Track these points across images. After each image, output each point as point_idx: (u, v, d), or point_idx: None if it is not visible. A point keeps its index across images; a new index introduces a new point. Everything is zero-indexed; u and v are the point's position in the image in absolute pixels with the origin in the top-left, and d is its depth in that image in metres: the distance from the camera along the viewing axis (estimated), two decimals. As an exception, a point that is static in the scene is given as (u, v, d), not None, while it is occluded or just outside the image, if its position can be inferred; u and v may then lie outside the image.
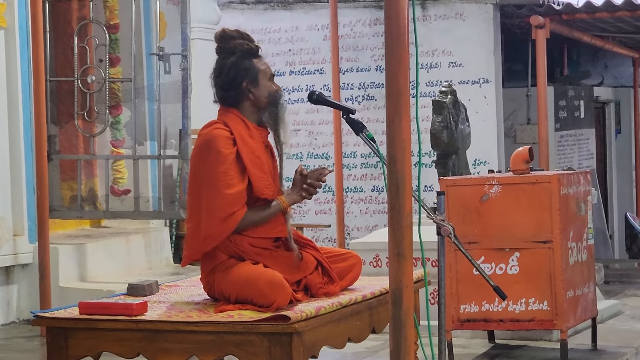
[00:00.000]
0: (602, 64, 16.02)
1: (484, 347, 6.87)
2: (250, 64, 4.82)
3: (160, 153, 8.51)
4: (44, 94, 7.66)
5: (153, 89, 8.48)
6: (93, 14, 8.56)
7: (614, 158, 16.11)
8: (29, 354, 7.00)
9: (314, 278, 4.76)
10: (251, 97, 4.81)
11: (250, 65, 4.81)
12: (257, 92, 4.81)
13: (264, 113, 4.83)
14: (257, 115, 4.83)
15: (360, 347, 6.06)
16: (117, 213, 8.69)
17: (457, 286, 6.41)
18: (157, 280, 5.07)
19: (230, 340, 4.39)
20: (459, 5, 11.97)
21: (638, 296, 9.08)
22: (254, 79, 4.80)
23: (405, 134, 3.48)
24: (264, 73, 4.84)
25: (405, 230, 3.51)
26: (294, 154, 12.22)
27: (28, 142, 8.12)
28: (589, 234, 6.76)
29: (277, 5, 12.82)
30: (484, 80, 11.98)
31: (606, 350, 6.74)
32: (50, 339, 4.61)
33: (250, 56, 4.84)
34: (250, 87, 4.80)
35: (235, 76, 4.79)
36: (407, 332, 3.54)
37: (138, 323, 4.49)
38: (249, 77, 4.80)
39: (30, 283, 8.03)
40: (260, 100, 4.82)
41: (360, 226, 12.26)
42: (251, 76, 4.80)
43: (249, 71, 4.80)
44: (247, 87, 4.80)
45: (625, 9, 11.48)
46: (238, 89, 4.79)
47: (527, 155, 6.60)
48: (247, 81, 4.80)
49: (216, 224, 4.62)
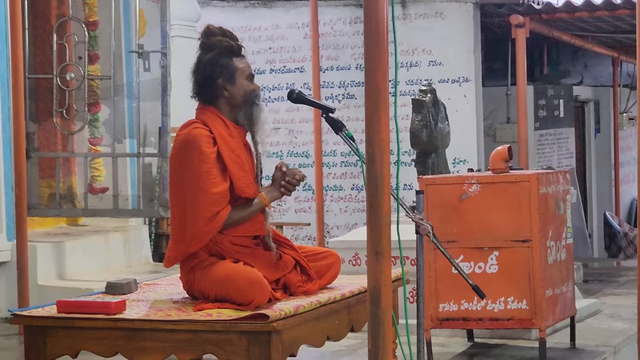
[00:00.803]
0: (581, 63, 16.09)
1: (463, 346, 6.89)
2: (228, 62, 4.81)
3: (139, 151, 8.50)
4: (22, 91, 7.64)
5: (132, 86, 8.46)
6: (72, 11, 8.54)
7: (593, 157, 16.18)
8: (6, 352, 6.98)
9: (292, 277, 4.77)
10: (226, 95, 4.80)
11: (227, 62, 4.81)
12: (233, 90, 4.81)
13: (239, 112, 4.83)
14: (233, 114, 4.83)
15: (339, 346, 6.07)
16: (96, 211, 8.67)
17: (436, 285, 6.42)
18: (135, 279, 5.08)
19: (208, 339, 4.39)
20: (439, 4, 11.98)
21: (617, 295, 9.11)
22: (230, 76, 4.80)
23: (384, 133, 3.49)
24: (241, 71, 4.84)
25: (383, 229, 3.52)
26: (274, 153, 12.23)
27: (6, 139, 8.10)
28: (567, 233, 6.78)
29: (258, 3, 12.82)
30: (464, 79, 12.01)
31: (585, 349, 6.76)
32: (28, 338, 4.61)
33: (229, 54, 4.84)
34: (225, 84, 4.79)
35: (211, 73, 4.80)
36: (386, 331, 3.54)
37: (116, 322, 4.48)
38: (225, 74, 4.80)
39: (8, 281, 8.00)
40: (235, 99, 4.81)
41: (339, 224, 12.27)
42: (227, 74, 4.80)
43: (226, 68, 4.80)
44: (223, 85, 4.79)
45: (604, 8, 11.53)
46: (213, 86, 4.80)
47: (507, 154, 6.61)
48: (223, 78, 4.80)
49: (202, 225, 4.62)
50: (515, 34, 11.23)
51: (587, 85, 16.13)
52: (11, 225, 7.93)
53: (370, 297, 3.55)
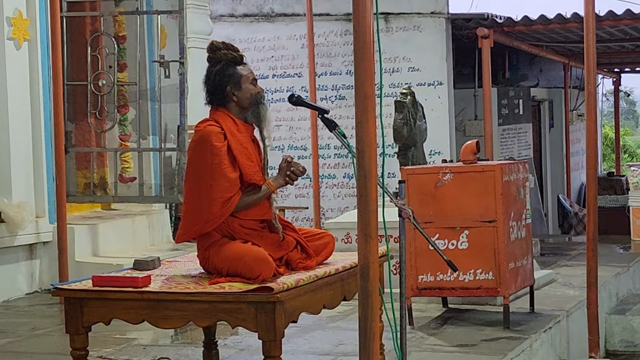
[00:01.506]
0: (537, 68, 16.07)
1: (438, 311, 6.89)
2: (233, 71, 4.80)
3: (161, 146, 8.48)
4: (61, 95, 7.62)
5: (155, 91, 8.45)
6: (104, 27, 8.52)
7: (548, 148, 16.18)
8: (50, 319, 6.98)
9: (293, 254, 4.76)
10: (235, 99, 4.80)
11: (233, 72, 4.80)
12: (240, 95, 4.80)
13: (248, 112, 4.82)
14: (242, 114, 4.82)
15: (333, 313, 6.06)
16: (125, 197, 8.67)
17: (415, 259, 6.42)
18: (159, 257, 5.06)
19: (222, 308, 4.38)
20: (416, 18, 11.99)
21: (569, 266, 9.12)
22: (236, 83, 4.79)
23: (372, 132, 3.48)
24: (246, 78, 4.82)
25: (371, 214, 3.50)
26: (277, 146, 12.22)
27: (48, 137, 8.09)
28: (527, 214, 6.78)
29: (261, 19, 12.80)
30: (438, 83, 12.01)
31: (542, 313, 6.77)
32: (67, 307, 4.60)
33: (234, 64, 4.83)
34: (233, 90, 4.78)
35: (220, 82, 4.78)
36: (373, 300, 3.53)
37: (143, 294, 4.47)
38: (232, 82, 4.78)
39: (50, 258, 8.00)
40: (243, 102, 4.81)
41: (333, 208, 12.28)
42: (234, 81, 4.79)
43: (232, 77, 4.79)
44: (231, 91, 4.78)
45: (556, 22, 11.56)
46: (223, 93, 4.79)
47: (475, 147, 6.61)
48: (231, 86, 4.78)
49: (217, 208, 4.60)
50: (481, 44, 11.22)
51: (542, 87, 16.11)
52: (52, 210, 7.91)
53: (360, 271, 3.53)
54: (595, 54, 6.83)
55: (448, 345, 5.90)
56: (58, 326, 6.47)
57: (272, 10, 12.79)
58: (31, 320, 7.03)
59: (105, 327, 4.69)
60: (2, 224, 7.67)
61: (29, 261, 8.04)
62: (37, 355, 5.88)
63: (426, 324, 6.51)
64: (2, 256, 7.77)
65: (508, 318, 6.31)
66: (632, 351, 8.20)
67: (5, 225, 7.69)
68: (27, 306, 7.58)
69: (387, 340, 4.81)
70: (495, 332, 6.19)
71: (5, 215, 7.68)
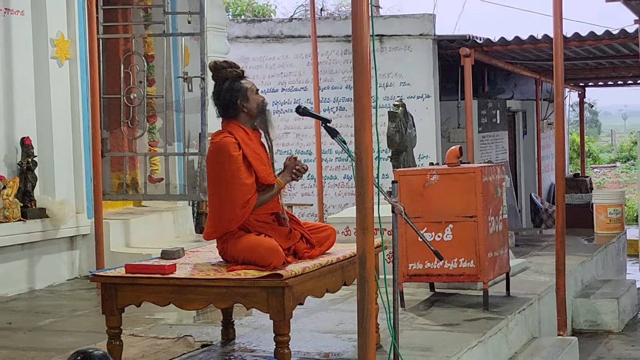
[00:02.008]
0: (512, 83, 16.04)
1: (426, 295, 6.88)
2: (240, 86, 4.80)
3: (184, 151, 8.48)
4: (98, 107, 7.62)
5: (179, 103, 8.45)
6: (135, 47, 8.52)
7: (521, 153, 16.15)
8: (88, 302, 6.99)
9: (300, 245, 4.77)
10: (245, 110, 4.81)
11: (240, 86, 4.80)
12: (249, 105, 4.81)
13: (256, 120, 4.84)
14: (251, 122, 4.83)
15: (335, 296, 6.06)
16: (153, 196, 8.66)
17: (406, 250, 6.41)
18: (183, 247, 5.06)
19: (238, 292, 4.39)
20: (407, 40, 11.99)
21: (540, 256, 9.10)
22: (244, 96, 4.79)
23: (368, 140, 3.48)
24: (251, 90, 4.84)
25: (368, 210, 3.51)
26: (285, 151, 12.22)
27: (86, 143, 8.09)
28: (503, 210, 6.77)
29: (272, 40, 12.80)
30: (426, 96, 12.00)
31: (517, 297, 6.76)
32: (103, 292, 4.61)
33: (238, 79, 4.83)
34: (243, 102, 4.79)
35: (231, 97, 4.79)
36: (370, 285, 3.54)
37: (169, 280, 4.48)
38: (240, 95, 4.79)
39: (88, 249, 8.00)
40: (252, 111, 4.82)
41: (334, 204, 12.27)
42: (242, 94, 4.79)
43: (240, 91, 4.79)
44: (241, 103, 4.79)
45: (529, 42, 11.55)
46: (234, 106, 4.79)
47: (458, 152, 6.60)
48: (240, 99, 4.79)
49: (238, 209, 4.62)
50: (463, 62, 11.20)
51: (517, 99, 16.08)
52: (90, 207, 7.92)
53: (358, 260, 3.54)
54: (563, 70, 6.83)
55: (435, 324, 5.90)
56: (95, 308, 6.48)
57: (282, 32, 12.79)
58: (72, 302, 7.03)
59: (136, 308, 4.71)
60: (46, 219, 7.68)
61: (69, 251, 8.04)
62: (77, 333, 5.88)
63: (416, 306, 6.50)
64: (46, 247, 7.77)
65: (487, 301, 6.30)
66: (595, 329, 8.20)
67: (50, 220, 7.70)
68: (68, 290, 7.59)
69: (382, 320, 4.82)
70: (476, 313, 6.19)
71: (49, 212, 7.69)
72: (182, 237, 8.98)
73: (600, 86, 18.19)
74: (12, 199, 7.38)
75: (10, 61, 7.59)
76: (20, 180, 7.52)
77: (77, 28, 8.10)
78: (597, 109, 37.89)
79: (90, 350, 3.75)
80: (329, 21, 12.89)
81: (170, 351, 5.23)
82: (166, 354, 5.17)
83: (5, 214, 7.32)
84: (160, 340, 5.51)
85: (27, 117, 7.73)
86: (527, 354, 6.22)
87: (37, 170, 7.68)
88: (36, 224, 7.58)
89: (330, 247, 4.97)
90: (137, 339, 5.55)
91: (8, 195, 7.36)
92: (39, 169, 7.71)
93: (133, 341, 5.44)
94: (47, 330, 6.05)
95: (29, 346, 5.54)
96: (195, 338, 5.50)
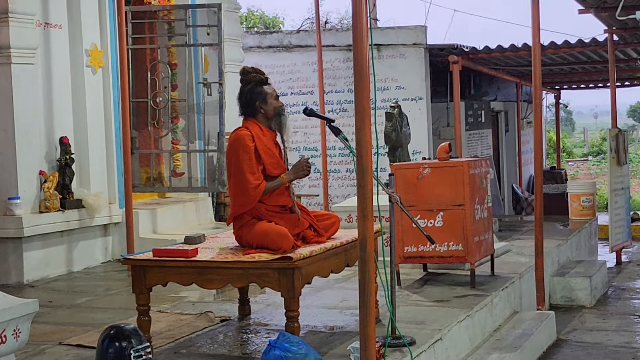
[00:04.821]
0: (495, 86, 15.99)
1: (420, 275, 6.88)
2: (261, 90, 4.80)
3: (205, 148, 8.48)
4: (128, 110, 7.61)
5: (200, 106, 8.44)
6: (160, 57, 8.52)
7: (504, 148, 16.11)
8: (120, 282, 7.00)
9: (308, 232, 4.77)
10: (262, 111, 4.81)
11: (261, 90, 4.80)
12: (266, 108, 4.80)
13: (272, 121, 4.83)
14: (267, 123, 4.83)
15: (339, 276, 6.07)
16: (177, 188, 8.67)
17: (402, 235, 6.40)
18: (204, 234, 5.07)
19: (253, 273, 4.39)
20: (402, 48, 11.96)
21: (521, 239, 9.09)
22: (263, 99, 4.79)
23: (368, 137, 3.47)
24: (270, 95, 4.83)
25: (368, 200, 3.50)
26: (295, 148, 12.22)
27: (118, 142, 8.09)
28: (488, 199, 6.75)
29: (282, 49, 12.77)
30: (419, 98, 11.96)
31: (500, 276, 6.75)
32: (133, 273, 4.62)
33: (261, 84, 4.83)
34: (261, 105, 4.79)
35: (251, 98, 4.79)
36: (370, 266, 3.53)
37: (192, 262, 4.49)
38: (260, 98, 4.79)
39: (120, 235, 8.01)
40: (269, 113, 4.81)
41: (338, 195, 12.25)
42: (262, 98, 4.79)
43: (260, 94, 4.79)
44: (260, 105, 4.79)
45: (510, 50, 11.52)
46: (253, 107, 4.79)
47: (448, 148, 6.58)
48: (259, 101, 4.79)
49: (252, 190, 4.62)
50: (452, 68, 11.18)
51: (500, 100, 16.04)
52: (122, 198, 7.93)
53: (360, 244, 3.53)
54: (541, 75, 6.80)
55: (428, 301, 5.90)
56: (126, 288, 6.49)
57: (290, 42, 12.76)
58: (105, 283, 7.05)
59: (162, 288, 4.71)
60: (83, 209, 7.69)
61: (103, 237, 8.06)
62: (111, 310, 5.90)
63: (411, 284, 6.50)
64: (83, 234, 7.79)
65: (474, 280, 6.30)
66: (570, 305, 8.19)
67: (86, 210, 7.71)
68: (102, 272, 7.61)
69: (381, 297, 4.82)
70: (464, 290, 6.19)
71: (85, 202, 7.70)
72: (203, 224, 8.98)
73: (574, 89, 18.14)
74: (52, 192, 7.40)
75: (50, 69, 7.59)
76: (59, 175, 7.53)
77: (109, 40, 8.11)
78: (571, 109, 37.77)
79: (122, 325, 3.75)
80: (332, 32, 12.87)
81: (193, 325, 5.24)
82: (189, 327, 5.18)
83: (47, 205, 7.34)
84: (184, 316, 5.52)
85: (65, 119, 7.74)
86: (509, 326, 6.21)
87: (74, 166, 7.69)
88: (74, 213, 7.59)
89: (335, 232, 4.98)
90: (164, 315, 5.56)
91: (49, 188, 7.37)
92: (75, 164, 7.72)
93: (160, 317, 5.45)
94: (84, 308, 6.06)
95: (68, 322, 5.56)
96: (215, 314, 5.52)
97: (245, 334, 5.02)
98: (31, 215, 7.22)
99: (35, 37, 7.33)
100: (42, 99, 7.51)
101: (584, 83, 17.13)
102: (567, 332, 7.10)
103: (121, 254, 7.65)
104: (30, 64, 7.28)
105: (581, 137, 41.48)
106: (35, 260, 7.25)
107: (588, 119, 64.50)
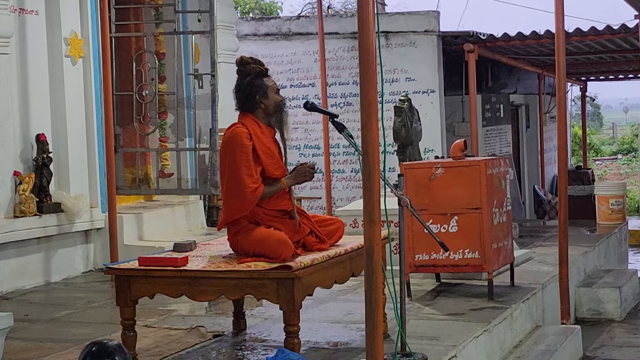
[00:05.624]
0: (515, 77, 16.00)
1: (432, 285, 6.88)
2: (261, 82, 4.79)
3: (195, 146, 8.48)
4: (111, 104, 7.63)
5: (190, 99, 8.45)
6: (146, 46, 8.53)
7: (525, 146, 16.12)
8: (102, 294, 7.00)
9: (309, 238, 4.77)
10: (262, 106, 4.80)
11: (261, 83, 4.79)
12: (267, 103, 4.80)
13: (272, 117, 4.82)
14: (266, 119, 4.82)
15: (343, 287, 6.06)
16: (165, 190, 8.67)
17: (412, 241, 6.40)
18: (195, 240, 5.07)
19: (249, 284, 4.39)
20: (412, 36, 11.97)
21: (543, 246, 9.08)
22: (264, 93, 4.78)
23: (375, 134, 3.47)
24: (271, 88, 4.82)
25: (375, 203, 3.50)
26: (295, 146, 12.23)
27: (100, 139, 8.10)
28: (507, 202, 6.75)
29: (280, 37, 12.79)
30: (431, 91, 11.98)
31: (521, 286, 6.74)
32: (117, 284, 4.61)
33: (261, 76, 4.82)
34: (262, 99, 4.78)
35: (250, 92, 4.78)
36: (377, 276, 3.53)
37: (182, 272, 4.48)
38: (260, 92, 4.78)
39: (102, 242, 8.01)
40: (269, 109, 4.80)
41: (342, 197, 12.26)
42: (262, 91, 4.78)
43: (261, 88, 4.78)
44: (260, 99, 4.78)
45: (532, 38, 11.52)
46: (253, 101, 4.78)
47: (463, 145, 6.58)
48: (260, 95, 4.78)
49: (249, 194, 4.61)
50: (467, 57, 11.19)
51: (520, 93, 16.05)
52: (104, 201, 7.94)
53: (366, 252, 3.53)
54: (565, 65, 6.80)
55: (441, 314, 5.89)
56: (109, 300, 6.49)
57: (290, 30, 12.77)
58: (87, 295, 7.05)
59: (149, 300, 4.71)
60: (61, 213, 7.70)
61: (84, 245, 8.06)
62: (93, 325, 5.90)
63: (422, 296, 6.50)
64: (62, 241, 7.79)
65: (492, 291, 6.30)
66: (597, 318, 8.18)
67: (65, 215, 7.72)
68: (84, 283, 7.61)
69: (389, 310, 4.81)
70: (481, 302, 6.18)
71: (64, 206, 7.71)
72: (194, 230, 8.99)
73: (602, 80, 18.14)
74: (28, 194, 7.40)
75: (25, 60, 7.60)
76: (35, 175, 7.53)
77: (90, 27, 8.11)
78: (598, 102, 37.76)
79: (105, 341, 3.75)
80: (335, 18, 12.88)
81: (183, 341, 5.24)
82: (179, 344, 5.18)
83: (22, 208, 7.34)
84: (173, 331, 5.52)
85: (42, 114, 7.75)
86: (531, 342, 6.21)
87: (52, 166, 7.70)
88: (52, 218, 7.60)
89: (338, 239, 4.97)
90: (151, 330, 5.56)
91: (24, 190, 7.38)
92: (54, 164, 7.72)
93: (147, 332, 5.45)
94: (63, 322, 6.06)
95: (45, 337, 5.56)
96: (207, 329, 5.51)
97: (240, 351, 5.02)
98: (5, 220, 7.23)
99: (10, 24, 7.33)
100: (16, 92, 7.51)
101: (613, 74, 17.12)
102: (594, 348, 7.09)
103: (104, 262, 7.65)
104: (4, 54, 7.29)
105: (610, 134, 41.48)
106: (9, 269, 7.25)
107: (617, 113, 64.49)
